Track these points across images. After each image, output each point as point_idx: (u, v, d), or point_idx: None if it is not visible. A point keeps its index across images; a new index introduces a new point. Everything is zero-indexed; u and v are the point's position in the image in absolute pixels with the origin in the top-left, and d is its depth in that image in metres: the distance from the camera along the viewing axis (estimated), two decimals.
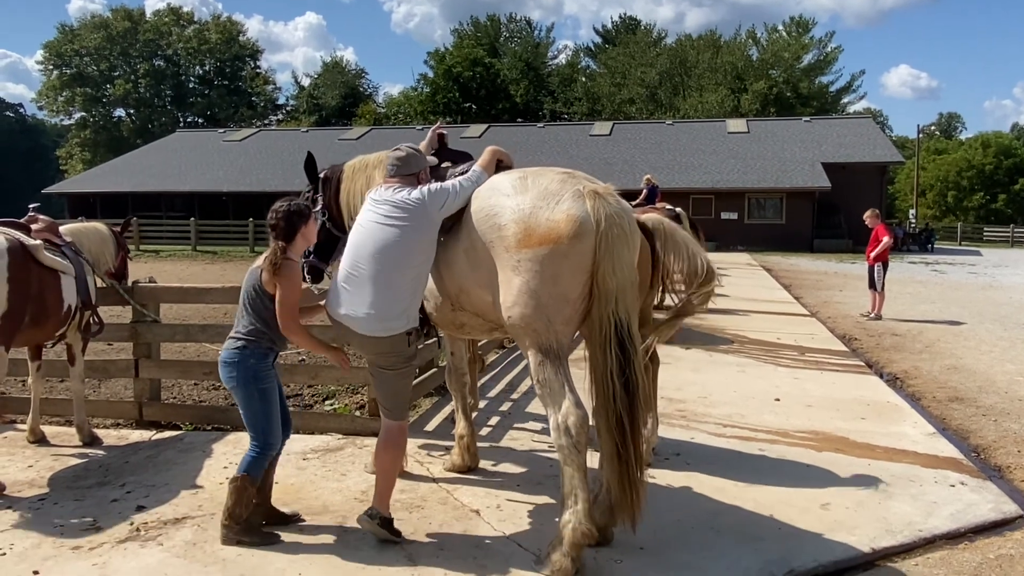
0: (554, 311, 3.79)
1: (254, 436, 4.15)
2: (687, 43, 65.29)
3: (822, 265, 25.82)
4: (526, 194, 3.90)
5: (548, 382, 3.82)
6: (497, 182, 4.13)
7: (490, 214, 3.94)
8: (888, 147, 38.53)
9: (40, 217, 5.58)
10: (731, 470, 5.17)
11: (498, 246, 3.87)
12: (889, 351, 9.96)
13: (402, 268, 4.00)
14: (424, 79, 69.30)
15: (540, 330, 3.81)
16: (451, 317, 4.43)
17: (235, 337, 4.15)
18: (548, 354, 3.83)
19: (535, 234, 3.77)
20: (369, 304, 3.96)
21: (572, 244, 3.75)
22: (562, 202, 3.82)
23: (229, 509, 4.05)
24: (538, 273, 3.75)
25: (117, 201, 40.42)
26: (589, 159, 38.67)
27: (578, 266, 3.78)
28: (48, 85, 70.87)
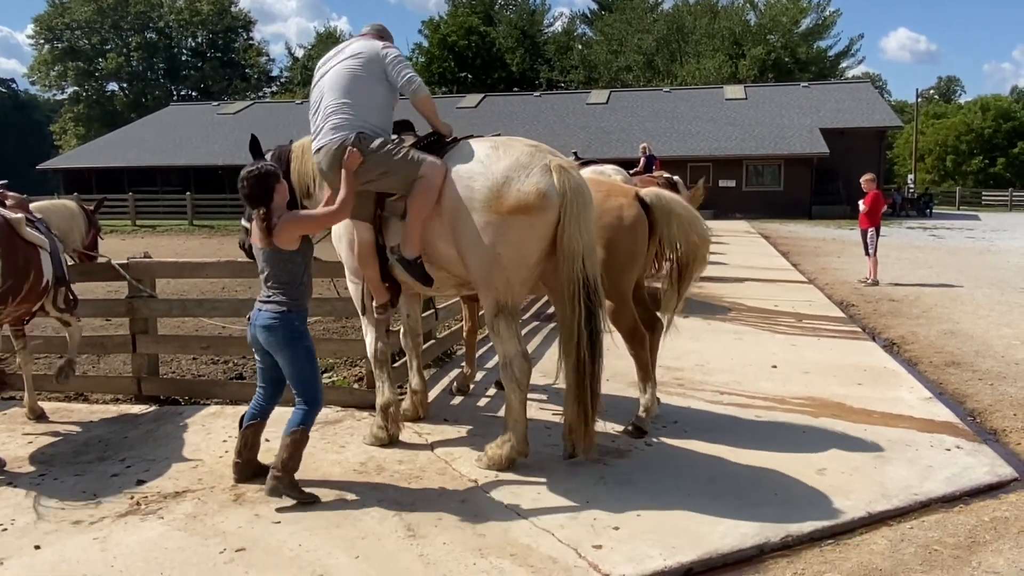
0: (513, 272, 4.35)
1: (302, 393, 4.28)
2: (684, 9, 64.53)
3: (820, 232, 25.81)
4: (499, 163, 4.33)
5: (501, 332, 4.44)
6: (471, 149, 4.51)
7: (464, 176, 4.35)
8: (887, 112, 38.33)
9: (10, 194, 5.52)
10: (728, 437, 5.19)
11: (469, 208, 4.30)
12: (886, 316, 9.98)
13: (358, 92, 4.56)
14: (419, 49, 68.65)
15: (500, 287, 4.36)
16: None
17: (273, 301, 4.23)
18: (504, 310, 4.41)
19: (506, 202, 4.23)
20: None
21: (538, 215, 4.26)
22: (532, 175, 4.27)
23: (284, 462, 4.19)
24: (504, 237, 4.25)
25: (112, 176, 40.25)
26: (586, 128, 38.49)
27: (541, 234, 4.32)
28: (40, 60, 70.19)
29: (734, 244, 20.06)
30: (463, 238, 4.37)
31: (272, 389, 4.46)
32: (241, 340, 6.85)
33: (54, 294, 5.54)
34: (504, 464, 4.62)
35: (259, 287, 4.40)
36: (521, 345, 4.50)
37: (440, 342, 7.49)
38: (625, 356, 5.42)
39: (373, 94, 4.65)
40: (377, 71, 4.66)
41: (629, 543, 3.72)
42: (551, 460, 4.83)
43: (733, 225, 27.62)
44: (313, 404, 4.29)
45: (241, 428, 4.48)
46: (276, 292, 4.24)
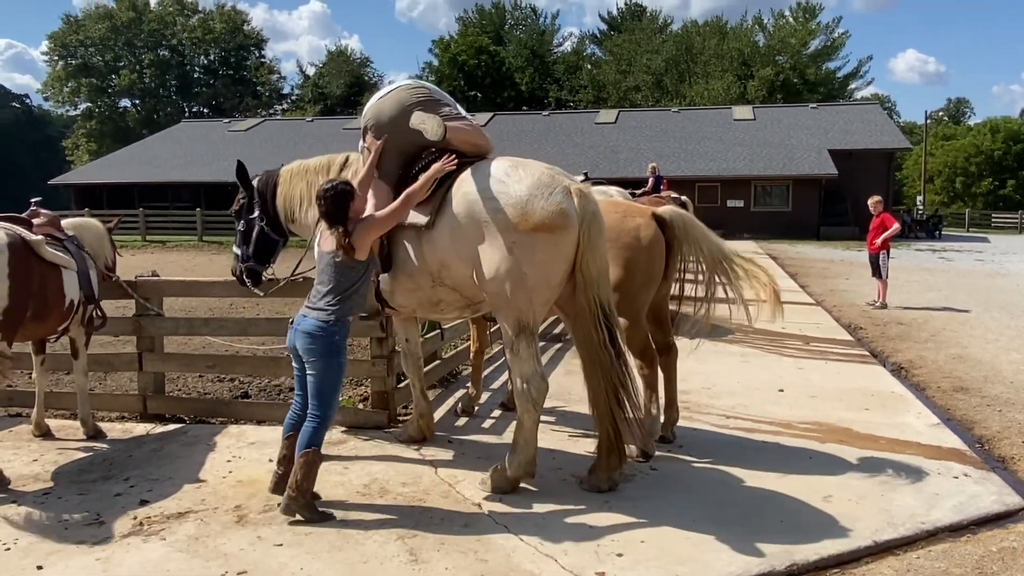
0: (537, 292, 4.38)
1: (319, 407, 4.29)
2: (693, 29, 64.86)
3: (828, 253, 25.74)
4: (521, 183, 4.37)
5: (521, 352, 4.43)
6: (488, 169, 4.53)
7: (487, 197, 4.38)
8: (895, 133, 38.33)
9: (42, 211, 5.58)
10: (734, 461, 5.16)
11: (492, 227, 4.33)
12: (894, 340, 9.93)
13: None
14: (429, 68, 69.15)
15: (522, 307, 4.38)
16: (430, 294, 4.81)
17: (322, 309, 4.27)
18: (524, 329, 4.42)
19: (531, 220, 4.27)
20: None
21: (562, 234, 4.32)
22: (555, 194, 4.34)
23: (299, 483, 4.19)
24: (529, 256, 4.28)
25: (123, 192, 40.50)
26: (595, 147, 38.59)
27: (563, 254, 4.37)
28: (53, 76, 70.88)
29: None
30: (486, 258, 4.37)
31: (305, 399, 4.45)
32: (247, 359, 6.89)
33: (83, 313, 5.58)
34: (512, 486, 4.62)
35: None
36: (540, 366, 4.51)
37: (445, 362, 7.49)
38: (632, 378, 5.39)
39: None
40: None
41: (633, 570, 3.69)
42: (556, 483, 4.81)
43: (741, 245, 27.44)
44: (325, 419, 4.32)
45: (284, 437, 4.50)
46: (328, 300, 4.28)
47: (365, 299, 4.59)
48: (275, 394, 7.42)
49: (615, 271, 5.13)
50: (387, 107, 4.90)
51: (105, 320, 5.85)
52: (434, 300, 4.87)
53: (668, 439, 5.55)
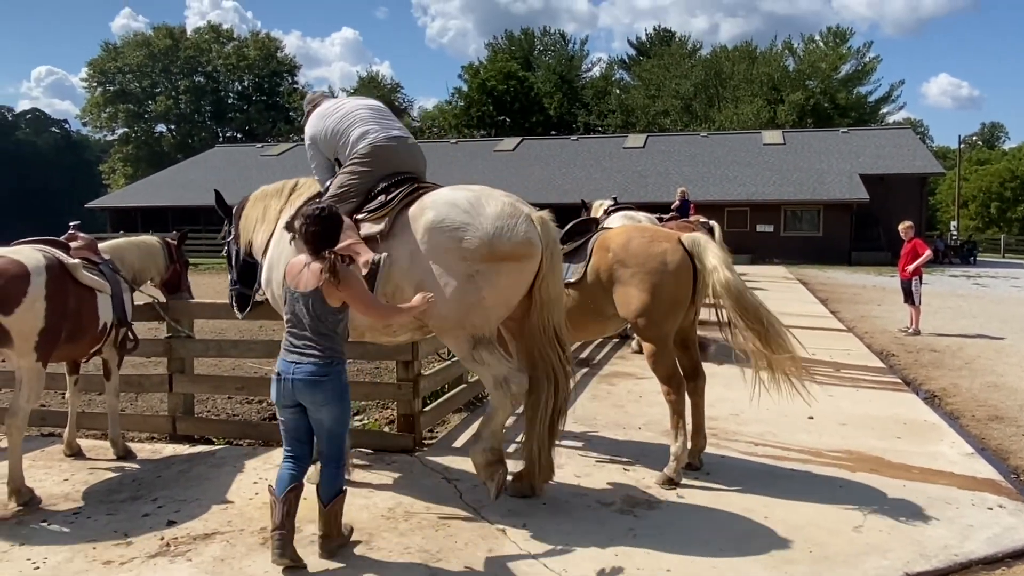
0: (494, 311, 4.54)
1: (333, 451, 4.07)
2: (722, 54, 64.89)
3: (860, 278, 25.44)
4: (483, 214, 4.47)
5: (485, 360, 4.52)
6: (451, 197, 4.60)
7: (451, 226, 4.45)
8: (928, 158, 37.94)
9: (80, 235, 5.70)
10: (762, 490, 5.09)
11: (454, 256, 4.42)
12: (927, 367, 9.77)
13: None
14: (458, 93, 69.81)
15: (478, 324, 4.50)
16: None
17: (315, 353, 3.93)
18: (481, 341, 4.52)
19: (498, 250, 4.40)
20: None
21: (527, 262, 4.51)
22: (520, 224, 4.49)
23: (339, 528, 4.12)
24: (491, 282, 4.43)
25: (158, 215, 41.19)
26: (623, 171, 38.63)
27: (524, 280, 4.57)
28: (92, 102, 72.57)
29: (771, 290, 19.84)
30: (445, 284, 4.43)
31: (308, 447, 4.13)
32: None
33: (116, 335, 5.67)
34: (486, 466, 4.68)
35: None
36: (512, 362, 4.64)
37: (472, 386, 7.48)
38: (659, 403, 5.38)
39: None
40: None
41: None
42: (581, 509, 4.78)
43: (771, 270, 27.36)
44: (341, 465, 4.15)
45: (279, 497, 3.93)
46: (317, 342, 3.94)
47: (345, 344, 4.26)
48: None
49: (641, 296, 5.12)
50: (331, 123, 5.13)
51: (137, 343, 5.95)
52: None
53: (695, 466, 5.50)
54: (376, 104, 5.34)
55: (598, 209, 11.65)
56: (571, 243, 5.64)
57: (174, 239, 6.72)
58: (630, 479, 5.34)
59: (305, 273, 3.96)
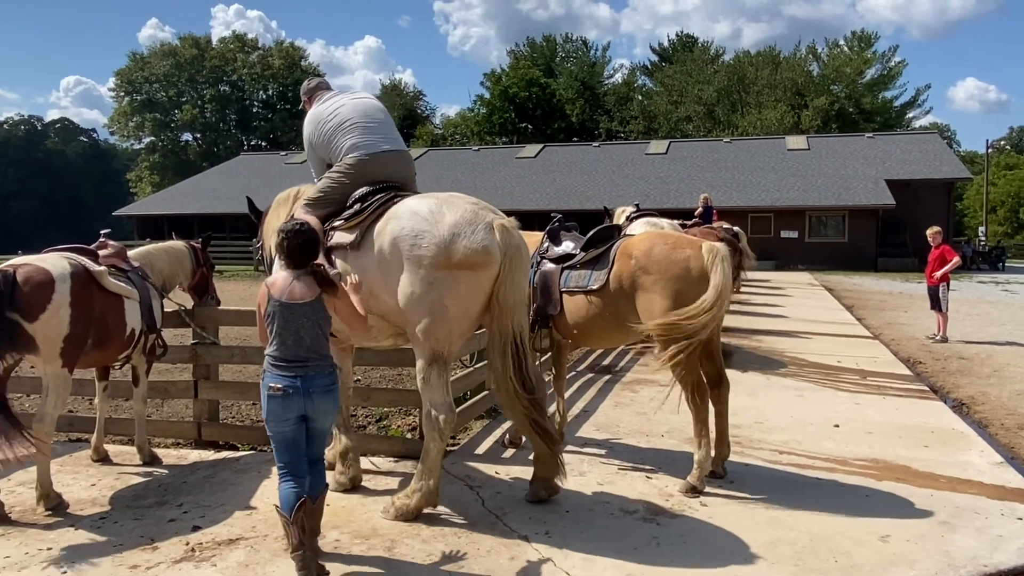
0: (456, 324, 4.53)
1: (321, 449, 4.18)
2: (745, 59, 64.57)
3: (886, 285, 25.17)
4: (444, 220, 4.48)
5: (431, 381, 4.55)
6: (415, 206, 4.62)
7: (410, 234, 4.48)
8: (955, 163, 37.47)
9: (109, 243, 5.77)
10: (786, 499, 5.04)
11: (415, 263, 4.45)
12: (955, 375, 9.64)
13: None
14: (480, 100, 69.94)
15: (441, 339, 4.52)
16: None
17: (324, 364, 4.01)
18: (437, 360, 4.55)
19: (453, 258, 4.41)
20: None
21: (483, 269, 4.48)
22: (477, 231, 4.48)
23: (320, 520, 4.18)
24: (451, 291, 4.43)
25: (184, 222, 41.58)
26: (645, 178, 38.52)
27: (483, 289, 4.54)
28: (119, 111, 73.55)
29: (796, 296, 19.70)
30: (409, 292, 4.48)
31: (303, 461, 4.04)
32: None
33: (144, 342, 5.74)
34: (412, 515, 4.68)
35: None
36: (449, 396, 4.60)
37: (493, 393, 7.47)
38: (682, 411, 5.33)
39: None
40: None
41: None
42: (603, 517, 4.76)
43: (795, 277, 27.16)
44: (323, 458, 4.26)
45: (291, 516, 3.85)
46: (316, 350, 4.00)
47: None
48: None
49: (664, 303, 5.10)
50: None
51: (166, 349, 6.01)
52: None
53: (719, 474, 5.46)
54: (372, 109, 5.33)
55: (620, 216, 11.62)
56: (593, 250, 5.64)
57: (199, 243, 6.79)
58: (653, 487, 5.32)
59: (297, 286, 4.00)
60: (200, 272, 6.64)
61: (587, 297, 5.51)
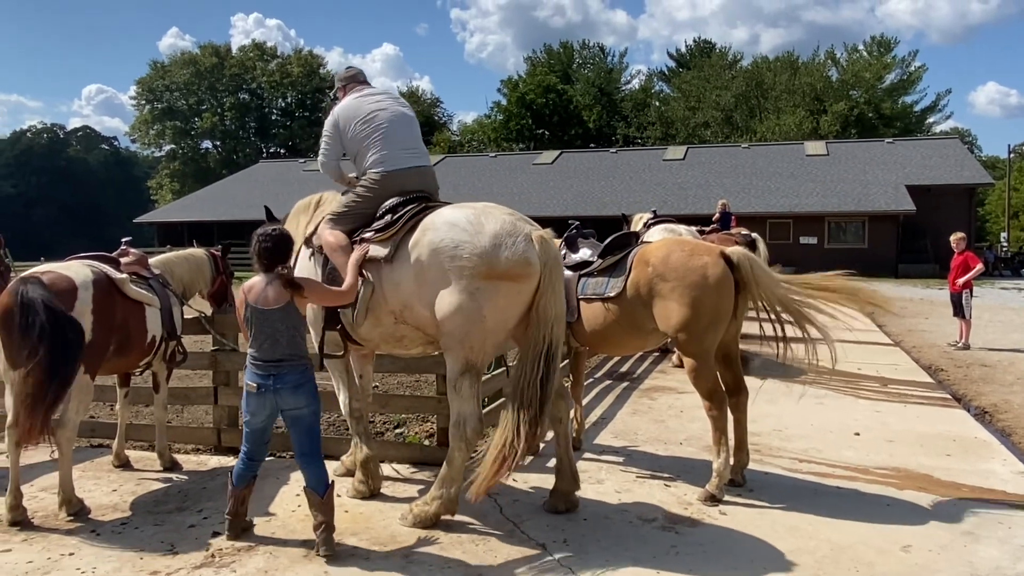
0: (492, 335, 4.53)
1: (314, 446, 4.39)
2: (763, 65, 64.19)
3: (907, 291, 24.91)
4: (483, 232, 4.47)
5: (463, 391, 4.53)
6: (452, 217, 4.61)
7: (450, 245, 4.46)
8: (976, 168, 37.13)
9: (131, 251, 5.84)
10: (806, 507, 5.01)
11: (456, 274, 4.43)
12: (978, 383, 9.54)
13: None
14: (497, 107, 70.03)
15: (476, 348, 4.51)
16: (393, 330, 4.88)
17: (296, 362, 4.31)
18: (470, 370, 4.53)
19: (496, 269, 4.40)
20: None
21: (524, 281, 4.48)
22: (518, 243, 4.47)
23: (332, 516, 4.34)
24: (491, 301, 4.42)
25: (203, 229, 41.92)
26: (662, 184, 38.42)
27: (523, 300, 4.54)
28: (140, 119, 74.24)
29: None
30: (448, 302, 4.45)
31: (265, 449, 4.58)
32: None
33: (165, 349, 5.79)
34: (431, 521, 4.68)
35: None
36: (479, 407, 4.61)
37: None
38: (700, 418, 5.33)
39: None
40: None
41: None
42: (622, 525, 4.74)
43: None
44: (320, 454, 4.43)
45: (236, 487, 4.47)
46: (293, 353, 4.30)
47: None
48: (343, 429, 7.51)
49: (682, 310, 5.09)
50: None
51: (186, 355, 6.06)
52: (397, 336, 4.94)
53: (738, 483, 5.43)
54: (408, 122, 5.27)
55: (638, 222, 11.61)
56: (611, 257, 5.63)
57: (218, 251, 6.85)
58: (672, 495, 5.30)
59: (270, 291, 4.30)
60: (219, 279, 6.71)
61: (604, 304, 5.51)
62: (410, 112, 5.40)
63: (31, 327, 4.47)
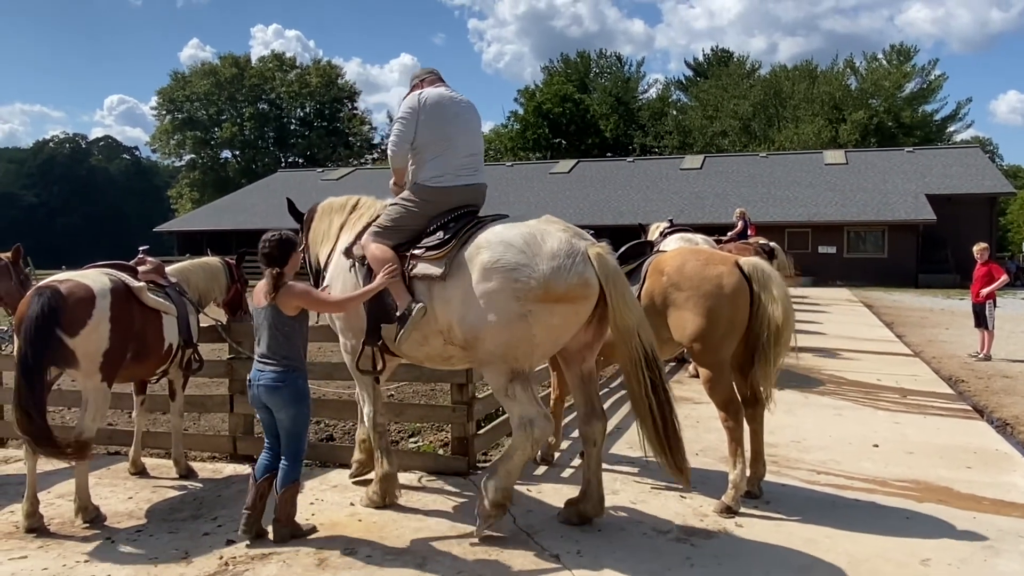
0: (541, 350, 4.54)
1: (292, 448, 4.62)
2: (782, 74, 63.98)
3: (927, 301, 24.69)
4: (541, 253, 4.38)
5: (518, 396, 4.46)
6: (508, 236, 4.50)
7: (507, 267, 4.37)
8: (997, 177, 36.76)
9: (148, 259, 5.89)
10: (824, 520, 4.95)
11: (509, 296, 4.34)
12: (999, 394, 9.41)
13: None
14: (514, 116, 70.17)
15: (521, 361, 4.45)
16: (441, 350, 4.82)
17: (277, 362, 4.55)
18: (519, 376, 4.46)
19: (554, 292, 4.31)
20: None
21: (582, 303, 4.42)
22: (576, 264, 4.37)
23: (287, 514, 4.62)
24: (544, 322, 4.35)
25: (222, 238, 42.27)
26: (680, 193, 38.32)
27: (579, 319, 4.49)
28: (161, 129, 74.96)
29: (834, 313, 19.41)
30: (495, 320, 4.37)
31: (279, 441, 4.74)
32: (331, 402, 7.03)
33: (181, 357, 5.83)
34: (492, 514, 4.57)
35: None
36: (542, 406, 4.51)
37: None
38: (716, 429, 5.28)
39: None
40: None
41: None
42: (636, 537, 4.70)
43: (834, 293, 26.77)
44: (297, 460, 4.65)
45: (256, 481, 4.67)
46: (275, 353, 4.55)
47: (305, 353, 4.79)
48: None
49: (696, 320, 5.06)
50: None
51: (202, 363, 6.09)
52: (445, 356, 4.86)
53: (754, 494, 5.37)
54: (473, 130, 5.12)
55: (655, 231, 11.57)
56: (625, 266, 5.60)
57: (233, 260, 6.89)
58: (687, 506, 5.25)
59: (260, 290, 4.63)
60: (234, 288, 6.74)
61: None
62: (479, 121, 5.23)
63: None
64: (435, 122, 4.92)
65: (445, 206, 4.89)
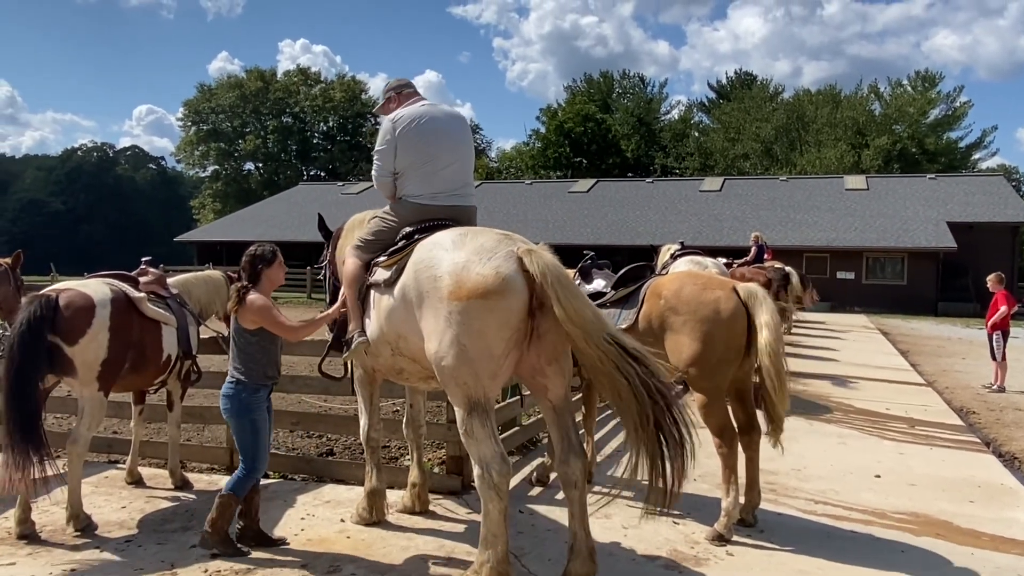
0: (480, 365, 3.95)
1: (244, 460, 4.69)
2: (805, 98, 63.75)
3: (945, 330, 24.38)
4: (462, 249, 4.09)
5: (475, 434, 3.98)
6: (439, 238, 4.31)
7: (429, 265, 4.15)
8: (1021, 206, 36.28)
9: (150, 270, 5.95)
10: (817, 552, 4.87)
11: (432, 296, 4.06)
12: (1010, 427, 9.26)
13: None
14: (536, 134, 70.38)
15: (469, 383, 3.98)
16: (391, 362, 4.69)
17: (230, 373, 4.73)
18: (476, 408, 3.99)
19: (464, 287, 3.93)
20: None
21: (498, 299, 3.90)
22: (494, 259, 3.99)
23: (213, 520, 4.59)
24: (465, 325, 3.91)
25: (241, 249, 42.11)
26: (698, 215, 38.19)
27: (504, 322, 3.94)
28: (186, 140, 75.88)
29: (849, 339, 19.22)
30: (429, 329, 4.09)
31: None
32: (331, 417, 7.04)
33: (180, 368, 5.86)
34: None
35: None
36: (499, 446, 3.99)
37: (525, 429, 7.43)
38: (714, 454, 5.21)
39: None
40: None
41: None
42: (625, 563, 4.67)
43: (850, 319, 26.51)
44: (251, 471, 4.67)
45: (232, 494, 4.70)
46: (234, 364, 4.71)
47: (274, 367, 4.84)
48: (358, 453, 7.51)
49: (693, 344, 5.02)
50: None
51: (200, 375, 6.12)
52: (396, 368, 4.71)
53: (748, 523, 5.31)
54: (460, 151, 4.93)
55: (665, 254, 11.52)
56: (623, 289, 5.59)
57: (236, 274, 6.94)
58: (679, 533, 5.20)
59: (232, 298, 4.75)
60: None
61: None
62: (463, 132, 5.03)
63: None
64: (413, 144, 4.77)
65: (419, 219, 4.73)
